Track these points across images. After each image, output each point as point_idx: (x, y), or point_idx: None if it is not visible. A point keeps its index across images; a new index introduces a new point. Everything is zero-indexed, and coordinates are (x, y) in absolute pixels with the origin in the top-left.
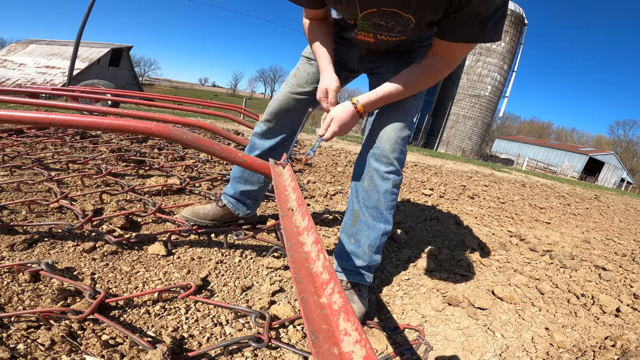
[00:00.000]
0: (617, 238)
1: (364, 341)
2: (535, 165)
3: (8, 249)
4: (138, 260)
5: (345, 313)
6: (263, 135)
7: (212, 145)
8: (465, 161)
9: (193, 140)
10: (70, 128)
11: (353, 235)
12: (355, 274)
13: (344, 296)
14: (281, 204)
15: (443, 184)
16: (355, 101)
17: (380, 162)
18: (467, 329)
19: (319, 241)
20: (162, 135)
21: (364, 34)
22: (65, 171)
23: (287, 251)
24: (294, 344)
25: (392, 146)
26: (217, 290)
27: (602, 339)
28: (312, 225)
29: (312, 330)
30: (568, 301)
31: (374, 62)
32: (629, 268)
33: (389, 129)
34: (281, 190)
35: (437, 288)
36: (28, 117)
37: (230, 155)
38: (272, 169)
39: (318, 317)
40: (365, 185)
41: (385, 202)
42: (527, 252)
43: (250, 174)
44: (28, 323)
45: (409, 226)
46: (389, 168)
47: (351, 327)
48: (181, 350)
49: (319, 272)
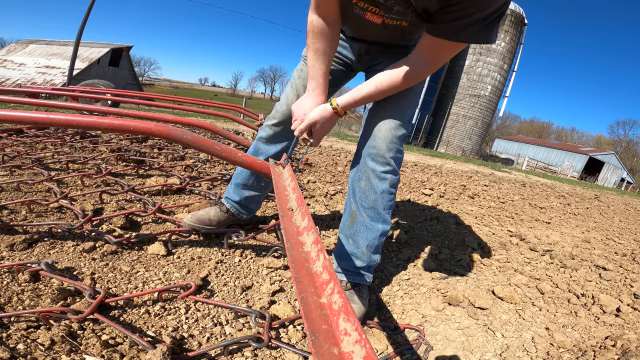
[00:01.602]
0: (618, 238)
1: (364, 341)
2: (535, 165)
3: (8, 248)
4: (138, 260)
5: (345, 313)
6: (269, 140)
7: (212, 145)
8: (465, 161)
9: (193, 140)
10: (70, 128)
11: (351, 236)
12: (355, 274)
13: (344, 296)
14: (281, 204)
15: (443, 184)
16: (335, 105)
17: (376, 162)
18: (467, 329)
19: (318, 241)
20: (162, 135)
21: (370, 13)
22: (65, 171)
23: (287, 251)
24: (294, 344)
25: (388, 145)
26: (217, 290)
27: (603, 339)
28: (312, 225)
29: (312, 330)
30: (568, 301)
31: (373, 59)
32: (629, 268)
33: (384, 127)
34: (281, 191)
35: (437, 288)
36: (28, 117)
37: (230, 155)
38: (272, 169)
39: (318, 317)
40: (362, 186)
41: (383, 202)
42: (528, 252)
43: (254, 182)
44: (28, 323)
45: (409, 226)
46: (386, 168)
47: (351, 327)
48: (181, 350)
49: (319, 272)
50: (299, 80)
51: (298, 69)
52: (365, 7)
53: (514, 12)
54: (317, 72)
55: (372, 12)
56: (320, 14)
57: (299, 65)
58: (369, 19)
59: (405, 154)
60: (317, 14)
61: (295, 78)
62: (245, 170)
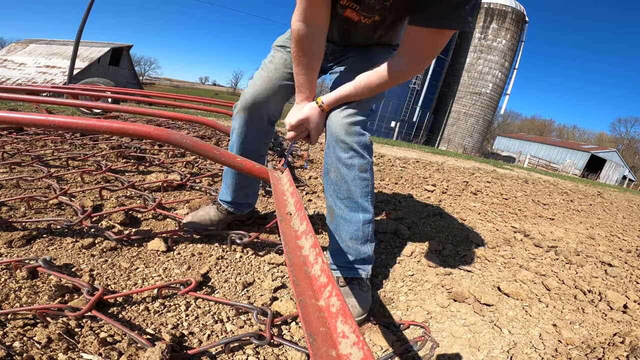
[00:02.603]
0: (622, 234)
1: (362, 343)
2: (537, 163)
3: (6, 245)
4: (137, 256)
5: (343, 316)
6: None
7: (210, 150)
8: (467, 158)
9: (192, 145)
10: (70, 131)
11: (334, 231)
12: (349, 268)
13: (342, 299)
14: (280, 208)
15: (445, 180)
16: (321, 102)
17: (340, 149)
18: (473, 325)
19: (316, 245)
20: (161, 139)
21: (351, 10)
22: (65, 168)
23: (286, 255)
24: (297, 341)
25: (347, 129)
26: (217, 287)
27: (611, 336)
28: (310, 229)
29: (310, 333)
30: (575, 297)
31: (337, 59)
32: (634, 264)
33: (340, 114)
34: (280, 195)
35: (442, 284)
36: (28, 119)
37: (229, 159)
38: (271, 173)
39: (316, 319)
40: (332, 177)
41: (358, 190)
42: (532, 248)
43: (243, 179)
44: (24, 320)
45: (412, 222)
46: (350, 153)
47: (349, 329)
48: (181, 348)
49: (316, 275)
50: (270, 64)
51: (270, 56)
52: (346, 5)
53: (514, 10)
54: (305, 85)
55: (352, 8)
56: (308, 22)
57: (269, 56)
58: (348, 15)
59: (407, 151)
60: (304, 22)
61: (266, 63)
62: (231, 169)
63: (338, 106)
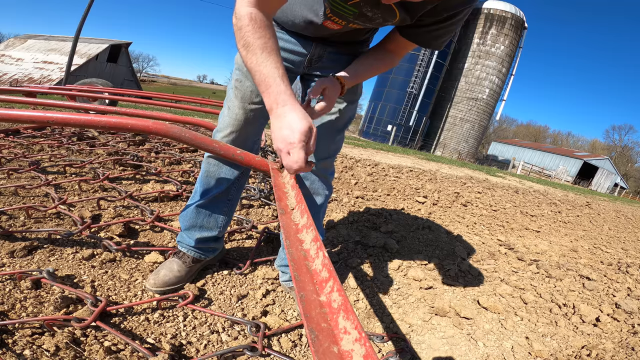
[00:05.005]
0: (605, 246)
1: (364, 339)
2: (530, 169)
3: (8, 255)
4: (136, 268)
5: (345, 311)
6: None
7: (210, 143)
8: (461, 165)
9: (191, 138)
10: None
11: None
12: None
13: (344, 294)
14: (280, 201)
15: (437, 191)
16: (344, 81)
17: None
18: (451, 338)
19: (318, 239)
20: (160, 133)
21: (336, 19)
22: (62, 174)
23: (286, 249)
24: (286, 352)
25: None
26: (213, 299)
27: (579, 348)
28: (311, 222)
29: (311, 329)
30: (550, 310)
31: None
32: (613, 277)
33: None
34: (280, 188)
35: (425, 298)
36: (26, 115)
37: (229, 152)
38: (271, 166)
39: (317, 315)
40: None
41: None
42: (515, 262)
43: (204, 219)
44: (32, 329)
45: (401, 235)
46: None
47: (350, 325)
48: (180, 357)
49: (318, 270)
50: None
51: (234, 81)
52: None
53: (514, 16)
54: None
55: (332, 23)
56: (263, 8)
57: (232, 82)
58: (328, 26)
59: (402, 157)
60: (256, 8)
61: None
62: (190, 210)
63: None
